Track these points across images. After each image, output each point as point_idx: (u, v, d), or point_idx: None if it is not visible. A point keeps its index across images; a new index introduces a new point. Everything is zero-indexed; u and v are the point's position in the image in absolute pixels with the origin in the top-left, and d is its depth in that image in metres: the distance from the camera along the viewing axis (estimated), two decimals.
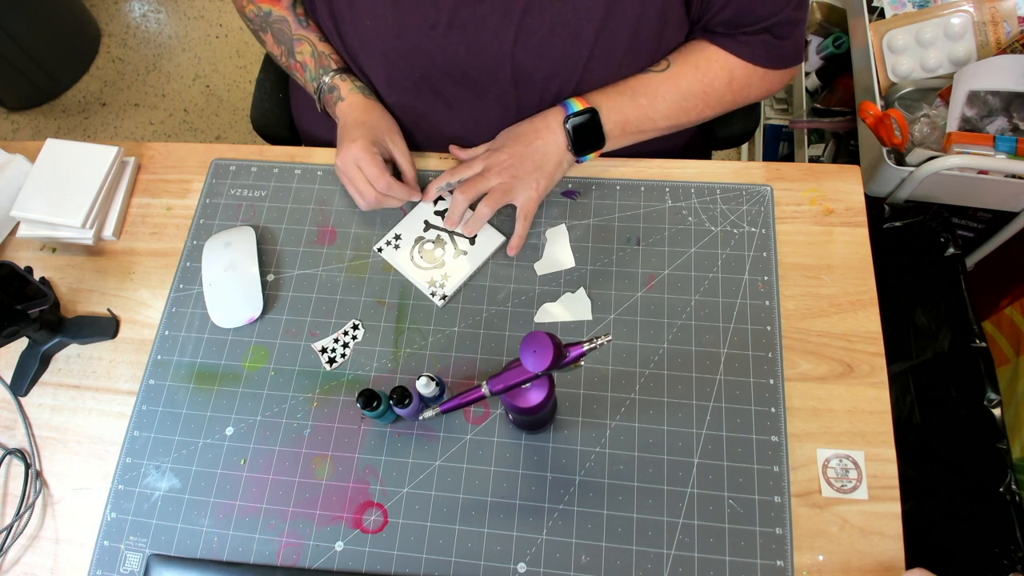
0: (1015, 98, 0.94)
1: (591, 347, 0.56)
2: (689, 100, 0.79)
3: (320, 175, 0.87)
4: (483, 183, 0.77)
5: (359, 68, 0.82)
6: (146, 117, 2.00)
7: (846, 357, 0.72)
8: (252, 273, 0.79)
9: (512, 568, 0.66)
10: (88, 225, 0.83)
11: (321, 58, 0.81)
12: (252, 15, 0.85)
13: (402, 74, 0.79)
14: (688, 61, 0.78)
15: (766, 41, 0.76)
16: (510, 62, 0.74)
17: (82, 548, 0.70)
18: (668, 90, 0.77)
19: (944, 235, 0.91)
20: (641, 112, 0.78)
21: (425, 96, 0.81)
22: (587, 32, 0.72)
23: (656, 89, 0.77)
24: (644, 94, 0.77)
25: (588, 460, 0.69)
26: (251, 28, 0.88)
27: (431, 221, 0.82)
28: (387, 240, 0.81)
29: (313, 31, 0.83)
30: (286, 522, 0.69)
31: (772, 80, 0.82)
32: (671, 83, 0.77)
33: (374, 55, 0.78)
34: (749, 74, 0.79)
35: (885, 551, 0.64)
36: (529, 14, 0.71)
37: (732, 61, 0.78)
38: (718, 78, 0.78)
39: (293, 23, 0.82)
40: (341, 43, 0.81)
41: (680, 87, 0.78)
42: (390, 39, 0.75)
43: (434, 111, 0.82)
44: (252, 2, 0.84)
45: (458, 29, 0.73)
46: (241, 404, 0.75)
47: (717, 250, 0.78)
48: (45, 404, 0.78)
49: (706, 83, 0.78)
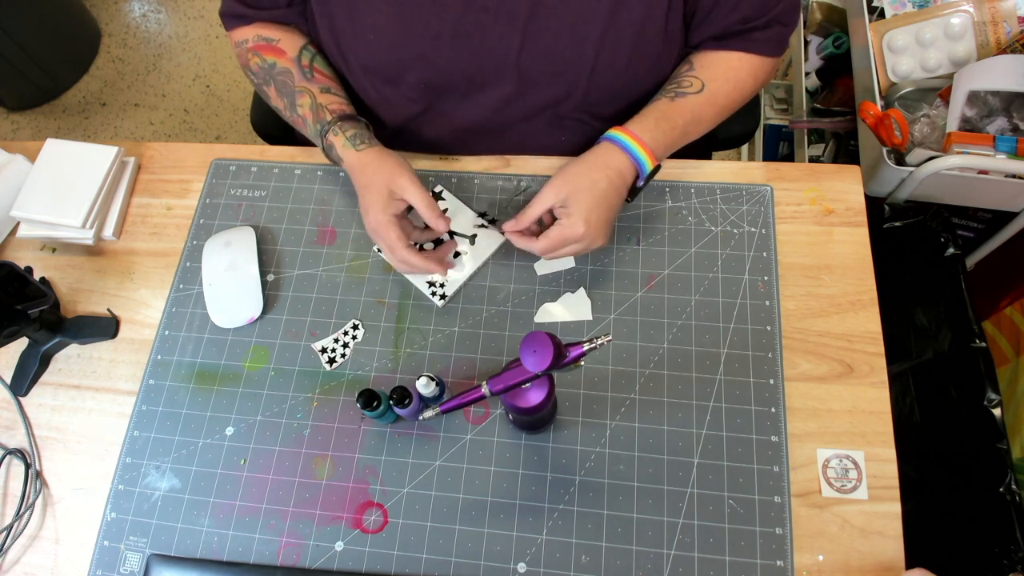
0: (1015, 98, 0.94)
1: (591, 347, 0.56)
2: (724, 113, 0.80)
3: (320, 175, 0.87)
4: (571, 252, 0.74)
5: (361, 85, 0.81)
6: (146, 117, 2.00)
7: (846, 357, 0.72)
8: (252, 273, 0.79)
9: (512, 568, 0.66)
10: (88, 225, 0.83)
11: (319, 111, 0.78)
12: (256, 68, 0.82)
13: (407, 84, 0.78)
14: (718, 77, 0.78)
15: (777, 32, 0.77)
16: (516, 69, 0.74)
17: (82, 548, 0.70)
18: (709, 111, 0.78)
19: (944, 235, 0.91)
20: (686, 139, 0.79)
21: (430, 103, 0.81)
22: (591, 36, 0.71)
23: (701, 115, 0.78)
24: (692, 122, 0.77)
25: (588, 460, 0.69)
26: (255, 83, 0.85)
27: None
28: None
29: (316, 82, 0.79)
30: (286, 522, 0.69)
31: (774, 68, 0.83)
32: (711, 103, 0.78)
33: (377, 69, 0.78)
34: (767, 68, 0.81)
35: (885, 551, 0.64)
36: (533, 21, 0.71)
37: (753, 61, 0.79)
38: (747, 84, 0.79)
39: (297, 75, 0.79)
40: (343, 61, 0.80)
41: (718, 104, 0.78)
42: (394, 51, 0.75)
43: (439, 117, 0.83)
44: (257, 55, 0.81)
45: (463, 38, 0.73)
46: (241, 404, 0.75)
47: (717, 250, 0.78)
48: (45, 404, 0.78)
49: (738, 92, 0.79)
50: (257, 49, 0.81)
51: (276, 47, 0.80)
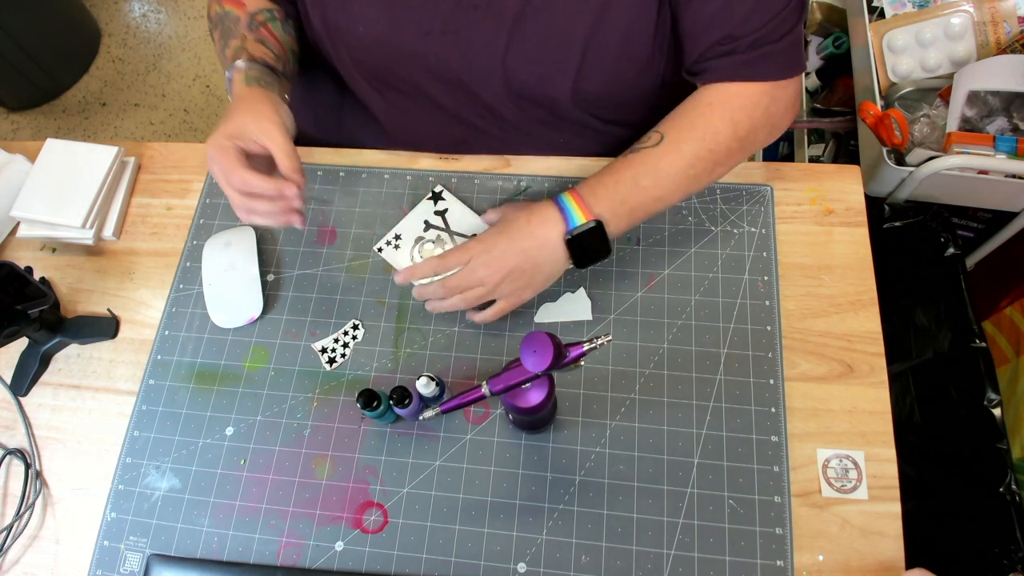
0: (1015, 98, 0.94)
1: (591, 347, 0.56)
2: (698, 163, 0.70)
3: (320, 175, 0.87)
4: (467, 285, 0.70)
5: (352, 77, 0.81)
6: (146, 117, 2.00)
7: (846, 357, 0.72)
8: (252, 273, 0.79)
9: (512, 568, 0.66)
10: (88, 225, 0.83)
11: (238, 52, 0.74)
12: (214, 15, 0.81)
13: (396, 80, 0.78)
14: (681, 125, 0.71)
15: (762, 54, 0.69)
16: (502, 68, 0.74)
17: (82, 548, 0.70)
18: (670, 161, 0.70)
19: (944, 235, 0.91)
20: (647, 195, 0.70)
21: (419, 101, 0.81)
22: (578, 37, 0.71)
23: (657, 165, 0.70)
24: (645, 175, 0.70)
25: (588, 460, 0.69)
26: (209, 28, 0.82)
27: (431, 221, 0.82)
28: (387, 240, 0.81)
29: (257, 34, 0.76)
30: (286, 522, 0.69)
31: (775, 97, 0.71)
32: (671, 152, 0.70)
33: (368, 63, 0.78)
34: (749, 100, 0.70)
35: (885, 551, 0.64)
36: (521, 21, 0.71)
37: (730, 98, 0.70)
38: (720, 129, 0.70)
39: (244, 23, 0.77)
40: (334, 52, 0.80)
41: (682, 152, 0.70)
42: (384, 46, 0.75)
43: (428, 115, 0.82)
44: (219, 3, 0.80)
45: (451, 35, 0.73)
46: (241, 404, 0.75)
47: (717, 250, 0.78)
48: (45, 404, 0.78)
49: (709, 137, 0.70)
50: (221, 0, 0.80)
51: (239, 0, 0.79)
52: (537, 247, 0.69)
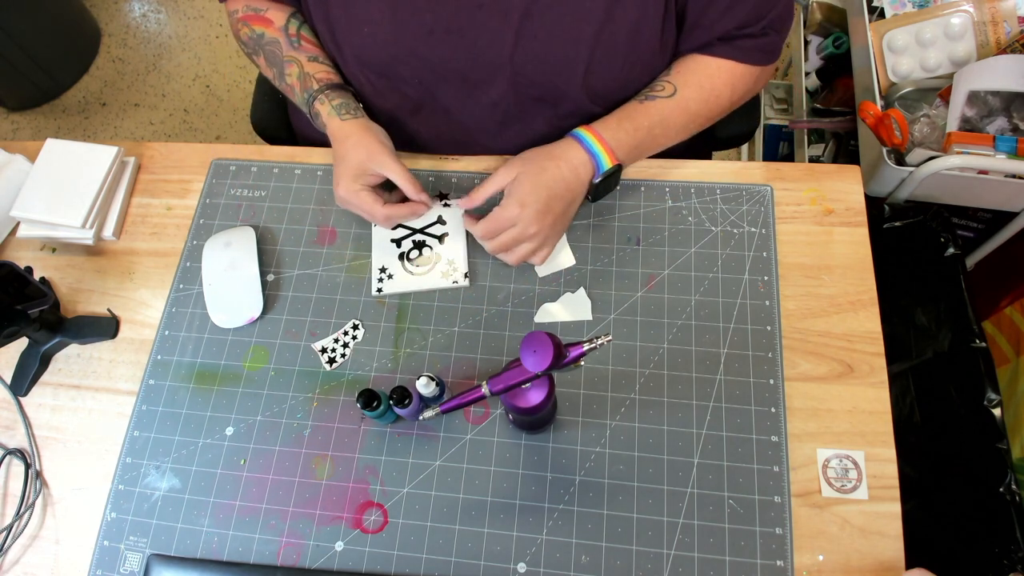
0: (1015, 98, 0.94)
1: (591, 347, 0.56)
2: (697, 119, 0.79)
3: (320, 175, 0.87)
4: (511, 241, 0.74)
5: (355, 75, 0.81)
6: (146, 117, 2.00)
7: (846, 357, 0.72)
8: (252, 273, 0.79)
9: (512, 568, 0.66)
10: (88, 225, 0.83)
11: (306, 80, 0.78)
12: (246, 38, 0.83)
13: (400, 79, 0.78)
14: (691, 83, 0.77)
15: (769, 42, 0.77)
16: (509, 66, 0.74)
17: (82, 548, 0.70)
18: (679, 116, 0.77)
19: (944, 235, 0.91)
20: (655, 143, 0.79)
21: (423, 100, 0.81)
22: (586, 36, 0.71)
23: (668, 118, 0.77)
24: (658, 124, 0.77)
25: (588, 460, 0.69)
26: (246, 52, 0.86)
27: (396, 236, 0.81)
28: (378, 279, 0.79)
29: (304, 51, 0.80)
30: (286, 522, 0.69)
31: (764, 77, 0.82)
32: (680, 109, 0.77)
33: (371, 62, 0.78)
34: (748, 78, 0.79)
35: (885, 551, 0.64)
36: (528, 19, 0.71)
37: (734, 70, 0.77)
38: (723, 93, 0.78)
39: (284, 44, 0.80)
40: (337, 51, 0.80)
41: (689, 110, 0.77)
42: (388, 45, 0.75)
43: (432, 115, 0.82)
44: (247, 25, 0.82)
45: (456, 34, 0.73)
46: (241, 404, 0.75)
47: (717, 250, 0.78)
48: (45, 404, 0.78)
49: (712, 99, 0.78)
50: (246, 20, 0.82)
51: (264, 17, 0.81)
52: (569, 191, 0.74)
